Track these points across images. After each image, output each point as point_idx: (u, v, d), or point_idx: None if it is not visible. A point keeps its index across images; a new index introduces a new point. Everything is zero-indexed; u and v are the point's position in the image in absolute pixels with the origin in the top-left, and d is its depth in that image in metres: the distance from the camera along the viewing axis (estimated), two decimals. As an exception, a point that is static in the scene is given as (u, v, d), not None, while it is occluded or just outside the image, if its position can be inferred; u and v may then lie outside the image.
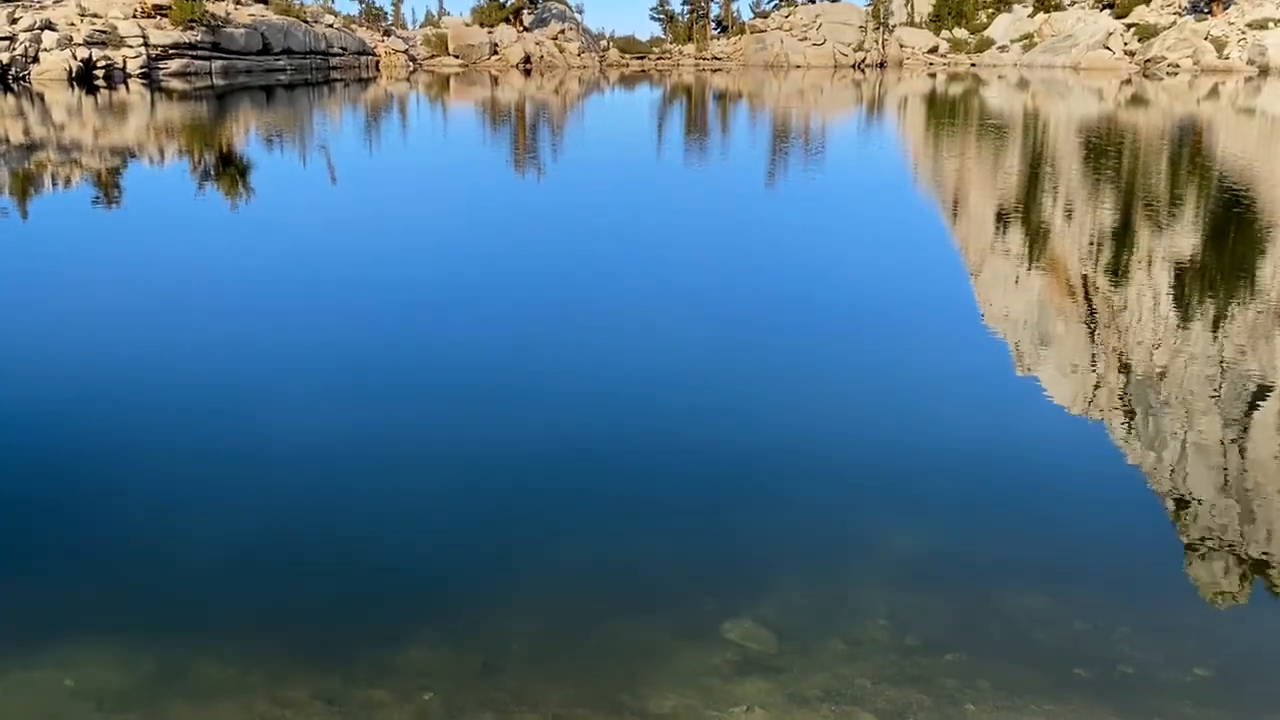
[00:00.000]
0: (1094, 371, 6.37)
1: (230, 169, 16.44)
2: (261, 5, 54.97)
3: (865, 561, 3.96)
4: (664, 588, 3.79)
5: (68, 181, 14.65)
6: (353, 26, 64.98)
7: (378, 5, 76.03)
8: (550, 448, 5.03)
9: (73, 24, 40.46)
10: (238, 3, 52.73)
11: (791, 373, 6.21)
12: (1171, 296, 8.05)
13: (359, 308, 7.70)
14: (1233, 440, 5.22)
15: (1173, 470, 4.92)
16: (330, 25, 60.18)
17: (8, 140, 19.60)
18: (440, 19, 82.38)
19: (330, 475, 4.70)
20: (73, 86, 34.70)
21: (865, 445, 5.13)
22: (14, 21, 38.64)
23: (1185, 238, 10.28)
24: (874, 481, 4.69)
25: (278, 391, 5.83)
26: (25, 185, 14.16)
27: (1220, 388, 5.93)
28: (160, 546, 4.04)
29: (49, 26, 39.24)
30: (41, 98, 30.23)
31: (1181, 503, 4.58)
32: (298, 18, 55.14)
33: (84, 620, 3.55)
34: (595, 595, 3.73)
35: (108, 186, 14.33)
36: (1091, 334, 7.20)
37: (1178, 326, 7.24)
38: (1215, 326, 7.20)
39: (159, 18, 44.22)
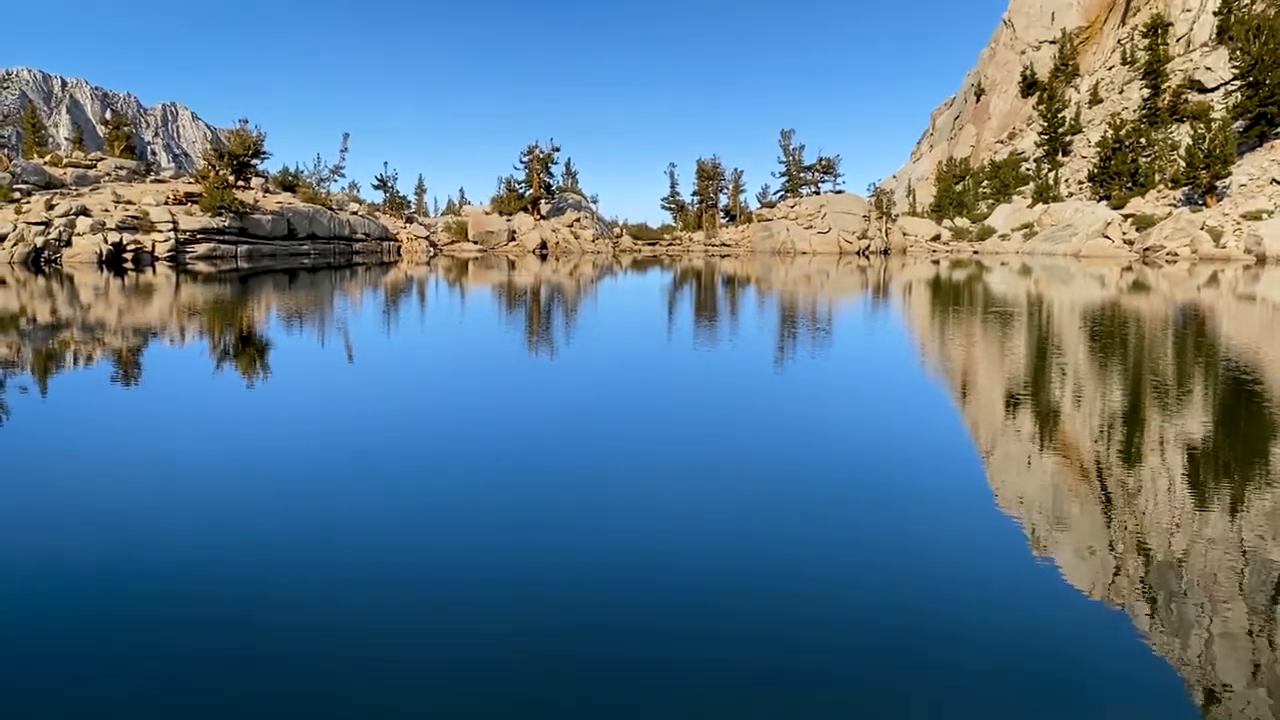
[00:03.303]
0: (1112, 555, 6.25)
1: (249, 348, 16.76)
2: (289, 194, 57.58)
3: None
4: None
5: (89, 359, 14.94)
6: (376, 214, 67.73)
7: (401, 194, 79.60)
8: (546, 643, 4.91)
9: (107, 210, 42.32)
10: (266, 190, 55.23)
11: (801, 556, 6.11)
12: (1186, 480, 7.98)
13: (367, 487, 7.68)
14: (1260, 629, 5.07)
15: (1200, 660, 4.75)
16: (354, 212, 62.75)
17: (34, 319, 20.12)
18: (461, 207, 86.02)
19: (325, 663, 4.57)
20: (102, 268, 35.89)
21: (878, 635, 4.98)
22: (50, 208, 40.43)
23: (1196, 421, 10.27)
24: (886, 675, 4.53)
25: (275, 563, 5.74)
26: (47, 363, 14.45)
27: (1243, 574, 5.80)
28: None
29: (84, 212, 41.03)
30: (71, 279, 31.22)
31: (1211, 695, 4.40)
32: (323, 205, 57.67)
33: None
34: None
35: (127, 364, 14.59)
36: (1108, 517, 7.10)
37: (1195, 510, 7.14)
38: (1233, 511, 7.11)
39: (189, 204, 46.27)
